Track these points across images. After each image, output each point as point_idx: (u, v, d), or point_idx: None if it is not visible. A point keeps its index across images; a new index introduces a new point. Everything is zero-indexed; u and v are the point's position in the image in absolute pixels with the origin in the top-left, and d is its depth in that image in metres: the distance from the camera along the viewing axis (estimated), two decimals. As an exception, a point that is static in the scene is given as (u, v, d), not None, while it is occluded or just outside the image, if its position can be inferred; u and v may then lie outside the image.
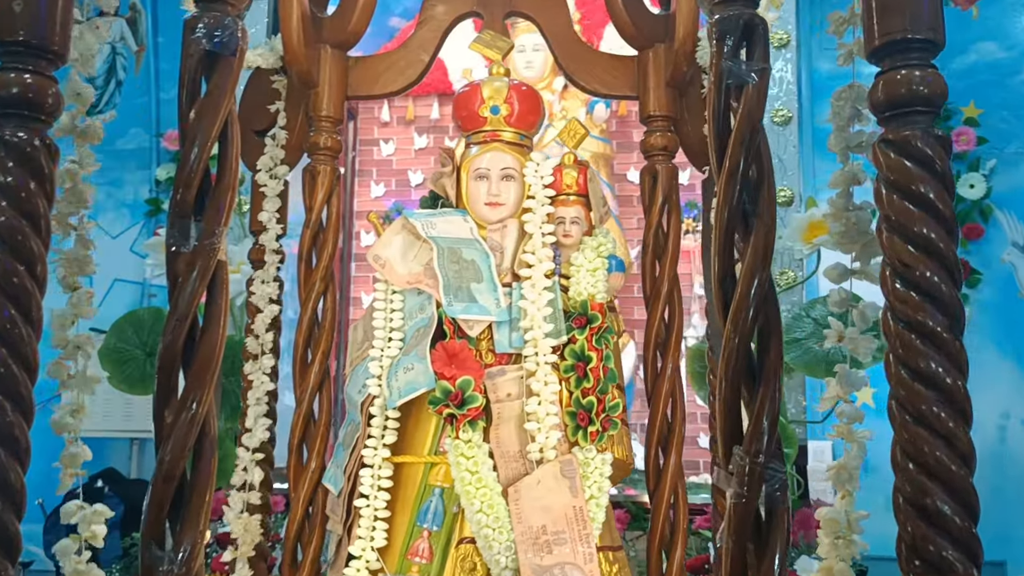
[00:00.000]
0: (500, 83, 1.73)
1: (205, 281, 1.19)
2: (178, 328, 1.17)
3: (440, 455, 1.58)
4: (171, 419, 1.18)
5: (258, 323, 1.93)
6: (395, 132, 6.13)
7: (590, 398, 1.57)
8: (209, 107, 1.22)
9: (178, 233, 1.20)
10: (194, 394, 1.18)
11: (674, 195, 1.95)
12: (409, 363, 1.57)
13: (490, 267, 1.63)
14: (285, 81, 2.05)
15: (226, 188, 1.23)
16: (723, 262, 1.21)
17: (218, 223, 1.21)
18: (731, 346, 1.17)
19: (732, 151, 1.20)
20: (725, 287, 1.21)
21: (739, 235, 1.21)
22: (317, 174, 1.94)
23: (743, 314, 1.16)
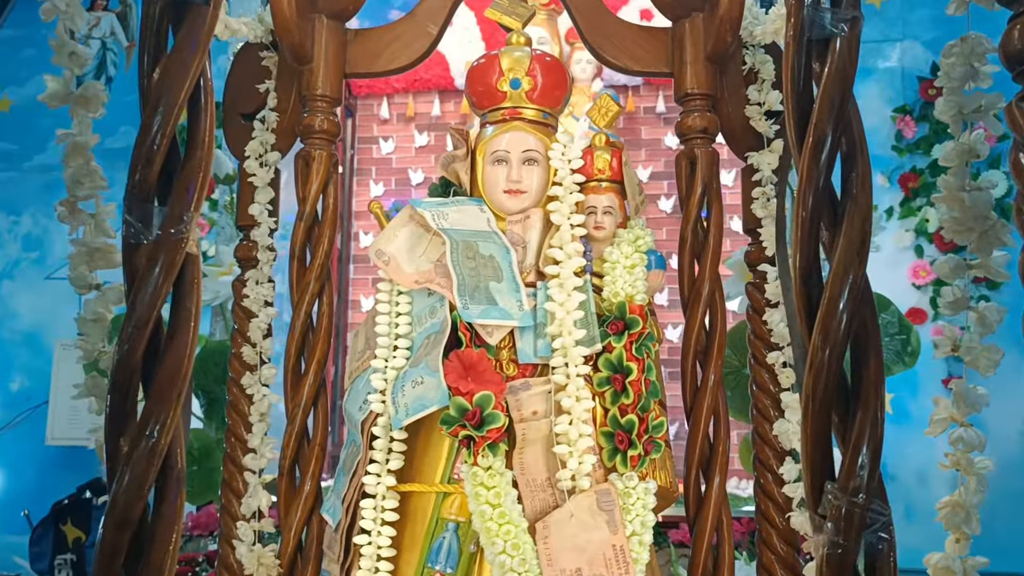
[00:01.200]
0: (521, 53, 1.50)
1: (170, 278, 0.97)
2: (136, 337, 0.95)
3: (454, 483, 1.35)
4: (127, 448, 0.95)
5: (253, 329, 1.70)
6: (395, 130, 5.95)
7: (630, 416, 1.34)
8: (176, 65, 1.00)
9: (137, 220, 0.97)
10: (156, 418, 0.95)
11: (715, 183, 1.73)
12: (418, 376, 1.34)
13: (511, 264, 1.41)
14: (276, 58, 1.83)
15: (197, 165, 1.01)
16: (806, 257, 0.99)
17: (186, 207, 0.99)
18: (819, 360, 0.95)
19: (817, 120, 0.98)
20: (809, 287, 0.99)
21: (826, 224, 0.99)
22: (312, 160, 1.71)
23: (835, 321, 0.94)
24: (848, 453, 0.93)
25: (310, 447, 1.67)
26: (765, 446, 1.75)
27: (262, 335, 1.72)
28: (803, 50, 1.00)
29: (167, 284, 0.96)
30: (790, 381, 1.69)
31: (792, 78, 1.01)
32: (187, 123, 1.02)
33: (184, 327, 0.97)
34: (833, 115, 0.97)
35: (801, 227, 0.98)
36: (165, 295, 0.97)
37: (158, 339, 0.97)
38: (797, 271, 0.99)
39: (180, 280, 0.98)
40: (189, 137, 1.02)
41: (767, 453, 1.74)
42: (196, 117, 1.02)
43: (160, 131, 0.97)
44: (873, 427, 0.93)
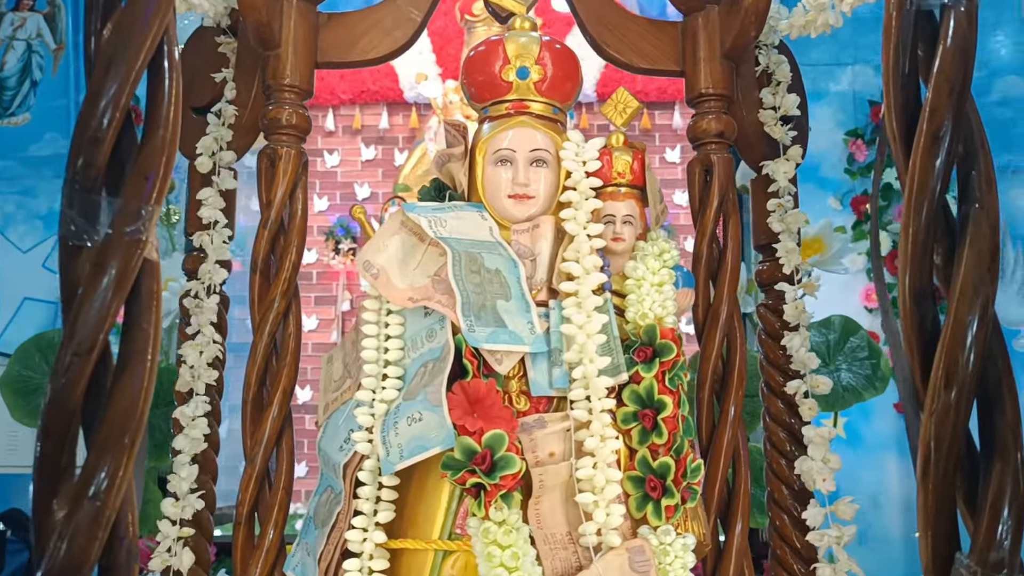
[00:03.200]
0: (529, 39, 1.31)
1: (122, 292, 0.74)
2: (76, 367, 0.72)
3: (457, 539, 1.14)
4: (64, 513, 0.72)
5: (190, 354, 1.46)
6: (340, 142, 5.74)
7: (664, 459, 1.14)
8: (134, 19, 0.77)
9: (79, 216, 0.74)
10: (103, 474, 0.72)
11: (732, 194, 1.56)
12: (415, 411, 1.12)
13: (519, 279, 1.21)
14: (234, 44, 1.61)
15: (159, 146, 0.78)
16: (920, 274, 0.81)
17: (146, 200, 0.76)
18: (943, 403, 0.77)
19: (933, 108, 0.80)
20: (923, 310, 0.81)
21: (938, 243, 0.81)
22: (278, 158, 1.49)
23: (962, 354, 0.76)
24: (985, 517, 0.75)
25: (272, 492, 1.44)
26: (782, 485, 1.58)
27: (206, 360, 1.48)
28: (909, 27, 0.83)
29: (119, 298, 0.73)
30: (812, 413, 1.52)
31: (895, 58, 0.84)
32: (147, 94, 0.80)
33: (140, 355, 0.75)
34: (954, 101, 0.79)
35: (913, 239, 0.81)
36: (116, 313, 0.74)
37: (103, 372, 0.74)
38: (908, 292, 0.81)
39: (135, 293, 0.75)
40: (149, 111, 0.79)
41: (783, 493, 1.57)
42: (158, 86, 0.79)
43: (112, 103, 0.74)
44: (1015, 487, 0.75)
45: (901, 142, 0.84)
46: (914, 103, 0.85)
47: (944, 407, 0.76)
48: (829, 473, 1.43)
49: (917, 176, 0.81)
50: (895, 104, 0.85)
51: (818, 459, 1.47)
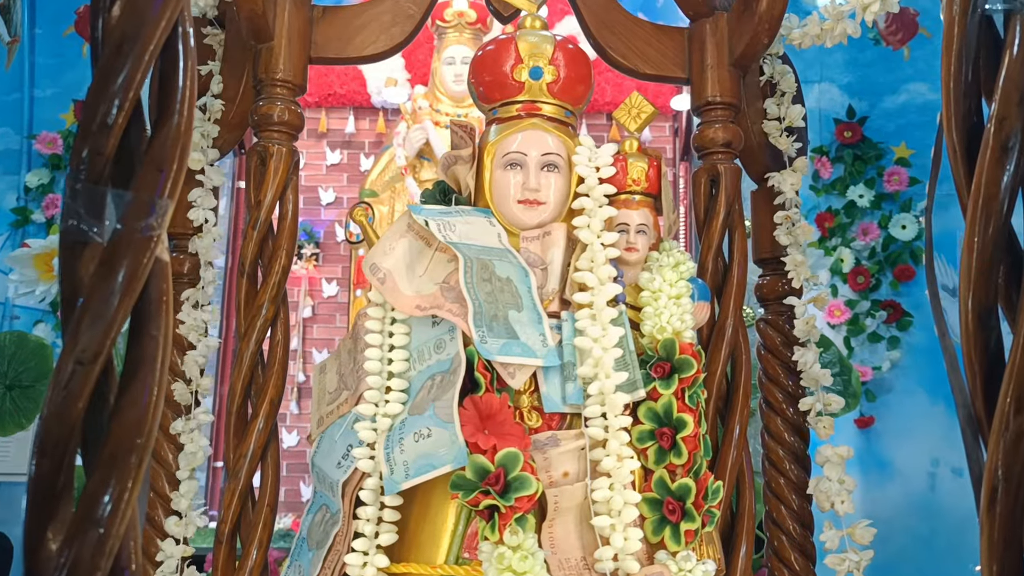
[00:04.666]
0: (541, 38, 1.25)
1: (132, 294, 0.66)
2: (77, 379, 0.64)
3: (465, 564, 1.07)
4: (59, 542, 0.64)
5: (189, 363, 1.38)
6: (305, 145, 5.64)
7: (684, 481, 1.09)
8: (148, -4, 0.70)
9: (86, 209, 0.67)
10: (106, 498, 0.64)
11: (738, 204, 1.51)
12: (423, 427, 1.05)
13: (531, 289, 1.15)
14: (221, 36, 1.54)
15: (173, 135, 0.71)
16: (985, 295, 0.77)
17: (159, 192, 0.69)
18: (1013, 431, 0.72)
19: (997, 125, 0.76)
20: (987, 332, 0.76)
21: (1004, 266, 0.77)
22: (269, 156, 1.42)
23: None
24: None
25: (256, 510, 1.36)
26: (780, 504, 1.54)
27: (200, 369, 1.40)
28: (975, 30, 0.79)
29: (128, 302, 0.66)
30: (827, 433, 1.48)
31: (955, 66, 0.80)
32: (160, 78, 0.72)
33: (149, 365, 0.67)
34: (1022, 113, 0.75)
35: (979, 258, 0.76)
36: (124, 318, 0.66)
37: (106, 386, 0.66)
38: (971, 313, 0.76)
39: (145, 296, 0.67)
40: (162, 97, 0.72)
41: (783, 512, 1.53)
42: (172, 70, 0.72)
43: (123, 88, 0.67)
44: (1089, 517, 0.71)
45: (963, 156, 0.80)
46: (976, 114, 0.80)
47: (1016, 433, 0.72)
48: (847, 495, 1.39)
49: (984, 190, 0.76)
50: (956, 115, 0.81)
51: (835, 479, 1.43)
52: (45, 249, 3.45)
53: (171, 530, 1.31)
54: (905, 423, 4.65)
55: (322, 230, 5.44)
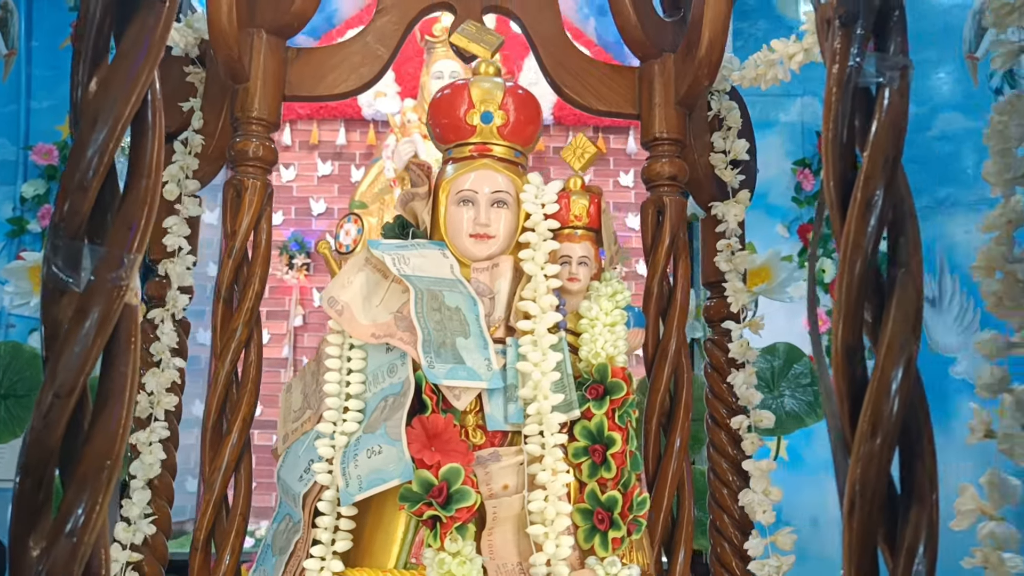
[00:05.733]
0: (493, 84, 1.36)
1: (103, 336, 0.77)
2: (56, 409, 0.75)
3: (413, 569, 1.18)
4: (39, 550, 0.75)
5: (151, 380, 1.48)
6: (297, 157, 5.74)
7: (612, 493, 1.20)
8: (121, 74, 0.81)
9: (63, 262, 0.78)
10: (79, 511, 0.75)
11: (682, 233, 1.63)
12: (375, 444, 1.16)
13: (478, 317, 1.26)
14: (202, 74, 1.64)
15: (142, 197, 0.82)
16: (852, 332, 0.88)
17: (128, 248, 0.80)
18: (868, 450, 0.83)
19: (867, 177, 0.87)
20: (852, 365, 0.87)
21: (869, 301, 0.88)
22: (244, 190, 1.53)
23: (886, 407, 0.83)
24: (902, 558, 0.82)
25: (230, 518, 1.47)
26: (723, 513, 1.65)
27: (165, 386, 1.50)
28: (849, 99, 0.90)
29: (99, 343, 0.76)
30: (755, 448, 1.59)
31: (834, 131, 0.91)
32: (131, 146, 0.83)
33: (118, 397, 0.78)
34: (886, 172, 0.86)
35: (846, 297, 0.87)
36: (96, 357, 0.77)
37: (81, 413, 0.77)
38: (840, 347, 0.87)
39: (115, 338, 0.78)
40: (133, 162, 0.83)
41: (725, 521, 1.64)
42: (142, 138, 0.83)
43: (98, 153, 0.78)
44: (931, 530, 0.82)
45: (838, 207, 0.91)
46: (851, 170, 0.91)
47: (868, 454, 0.83)
48: (769, 505, 1.51)
49: (851, 238, 0.88)
50: (834, 171, 0.92)
51: (759, 491, 1.54)
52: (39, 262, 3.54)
53: (118, 535, 1.41)
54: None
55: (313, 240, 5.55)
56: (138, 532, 1.45)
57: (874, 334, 0.89)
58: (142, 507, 1.46)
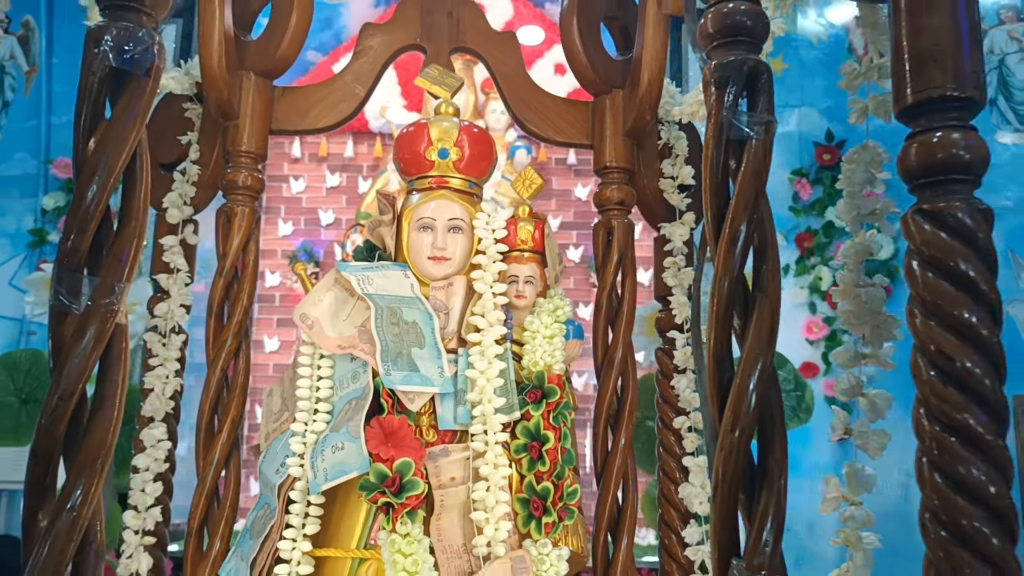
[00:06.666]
0: (449, 124, 1.54)
1: (98, 350, 0.96)
2: (61, 408, 0.94)
3: (371, 549, 1.36)
4: (46, 522, 0.94)
5: (155, 383, 1.67)
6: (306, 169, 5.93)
7: (545, 484, 1.38)
8: (113, 136, 1.00)
9: (66, 290, 0.96)
10: (78, 492, 0.94)
11: (630, 252, 1.80)
12: (339, 441, 1.35)
13: (433, 330, 1.43)
14: (199, 110, 1.83)
15: (130, 236, 1.01)
16: (719, 343, 1.05)
17: (119, 278, 0.98)
18: (729, 442, 1.01)
19: (733, 215, 1.05)
20: (721, 372, 1.05)
21: (737, 312, 1.05)
22: (233, 216, 1.71)
23: (744, 405, 1.00)
24: (754, 530, 0.99)
25: (220, 507, 1.65)
26: (670, 507, 1.81)
27: (167, 392, 1.69)
28: (722, 149, 1.07)
29: (95, 356, 0.95)
30: (694, 446, 1.76)
31: (711, 175, 1.08)
32: (122, 193, 1.02)
33: (110, 400, 0.97)
34: (747, 212, 1.03)
35: (716, 315, 1.04)
36: (92, 367, 0.96)
37: (81, 411, 0.96)
38: (711, 356, 1.05)
39: (108, 352, 0.97)
40: (124, 208, 1.01)
41: (672, 515, 1.80)
42: (131, 188, 1.02)
43: (95, 201, 0.97)
44: (777, 507, 0.99)
45: (713, 238, 1.08)
46: (724, 207, 1.08)
47: (729, 445, 1.00)
48: (705, 496, 1.67)
49: (721, 265, 1.05)
50: (711, 208, 1.09)
51: (697, 485, 1.71)
52: (58, 273, 3.70)
53: (129, 522, 1.60)
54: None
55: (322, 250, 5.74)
56: (148, 519, 1.64)
57: (742, 338, 1.06)
58: (153, 497, 1.65)
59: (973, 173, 0.93)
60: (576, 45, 1.78)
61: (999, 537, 0.88)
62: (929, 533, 0.91)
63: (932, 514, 0.91)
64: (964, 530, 0.88)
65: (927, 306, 0.92)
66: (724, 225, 1.05)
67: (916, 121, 0.95)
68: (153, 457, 1.63)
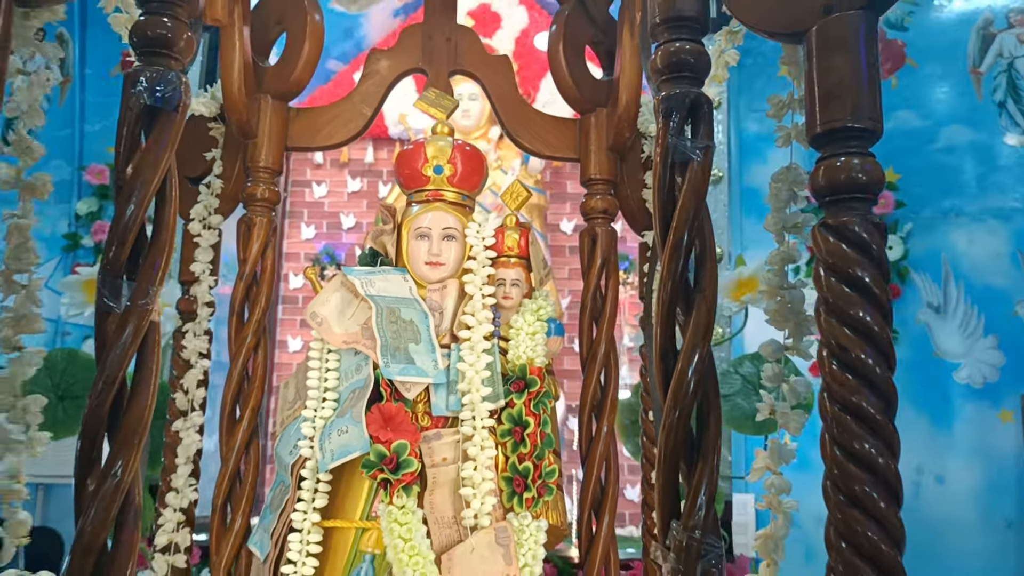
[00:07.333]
0: (444, 143, 1.72)
1: (136, 344, 1.15)
2: (105, 392, 1.13)
3: (372, 520, 1.54)
4: (94, 487, 1.12)
5: (188, 378, 1.87)
6: (328, 175, 6.11)
7: (526, 464, 1.55)
8: (148, 163, 1.19)
9: (109, 292, 1.15)
10: (120, 461, 1.13)
11: (612, 257, 1.97)
12: (343, 425, 1.53)
13: (428, 328, 1.61)
14: (222, 129, 2.02)
15: (162, 247, 1.19)
16: (664, 336, 1.22)
17: (152, 283, 1.17)
18: (671, 420, 1.17)
19: (676, 226, 1.21)
20: (666, 361, 1.22)
21: (681, 309, 1.22)
22: (253, 225, 1.90)
23: (683, 389, 1.17)
24: (690, 497, 1.15)
25: (241, 487, 1.84)
26: (651, 491, 1.98)
27: (196, 384, 1.89)
28: (668, 168, 1.24)
29: (133, 348, 1.13)
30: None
31: (659, 190, 1.24)
32: (154, 210, 1.21)
33: (145, 385, 1.15)
34: (688, 222, 1.20)
35: (661, 311, 1.21)
36: (131, 357, 1.14)
37: (122, 395, 1.15)
38: (657, 347, 1.22)
39: (144, 345, 1.15)
40: (156, 223, 1.20)
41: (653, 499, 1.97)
42: (162, 206, 1.20)
43: (132, 218, 1.15)
44: (710, 477, 1.15)
45: (660, 245, 1.25)
46: (671, 218, 1.25)
47: (670, 424, 1.17)
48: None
49: (665, 269, 1.22)
50: (660, 220, 1.26)
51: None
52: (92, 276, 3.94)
53: (170, 501, 1.80)
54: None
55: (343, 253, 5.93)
56: (184, 497, 1.83)
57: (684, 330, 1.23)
58: (185, 478, 1.84)
59: (870, 192, 1.09)
60: (563, 68, 1.96)
61: (885, 501, 1.04)
62: (830, 498, 1.08)
63: (832, 482, 1.07)
64: (856, 495, 1.05)
65: (829, 306, 1.09)
66: (669, 233, 1.22)
67: (823, 148, 1.12)
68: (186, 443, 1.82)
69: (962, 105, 5.44)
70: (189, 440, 1.83)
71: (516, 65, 5.91)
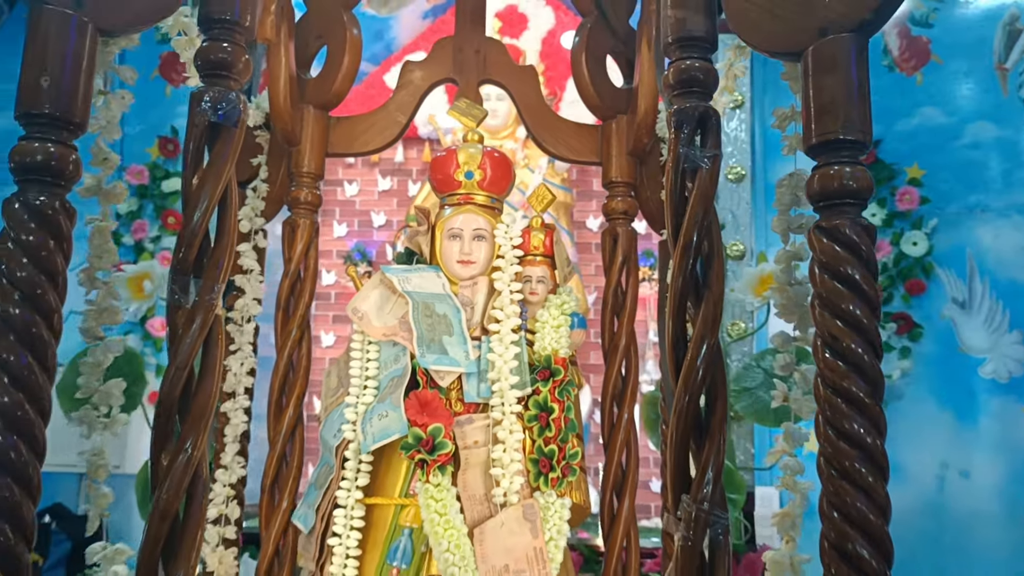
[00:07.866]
0: (475, 150, 1.86)
1: (203, 335, 1.29)
2: (177, 378, 1.27)
3: (410, 497, 1.68)
4: (167, 461, 1.27)
5: (235, 364, 2.02)
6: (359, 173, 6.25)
7: (552, 446, 1.68)
8: (211, 174, 1.33)
9: (179, 289, 1.30)
10: (190, 439, 1.27)
11: (633, 255, 2.09)
12: (384, 410, 1.67)
13: (461, 321, 1.75)
14: (267, 136, 2.16)
15: (224, 248, 1.34)
16: (675, 327, 1.34)
17: (216, 280, 1.32)
18: (681, 404, 1.30)
19: (686, 228, 1.34)
20: (677, 351, 1.34)
21: (691, 303, 1.35)
22: (297, 227, 2.05)
23: (693, 376, 1.29)
24: (699, 472, 1.28)
25: (288, 469, 1.99)
26: (670, 475, 2.10)
27: (246, 371, 2.04)
28: (679, 175, 1.36)
29: (200, 338, 1.28)
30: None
31: (671, 194, 1.37)
32: (217, 217, 1.35)
33: (211, 372, 1.30)
34: (698, 224, 1.32)
35: (672, 306, 1.34)
36: (199, 347, 1.29)
37: (191, 381, 1.29)
38: (669, 338, 1.34)
39: (209, 335, 1.30)
40: (219, 228, 1.35)
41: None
42: (224, 212, 1.34)
43: (199, 224, 1.30)
44: (717, 454, 1.28)
45: (672, 245, 1.38)
46: (682, 221, 1.38)
47: (681, 406, 1.29)
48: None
49: (676, 267, 1.34)
50: (672, 222, 1.39)
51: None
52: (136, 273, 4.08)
53: (219, 477, 1.95)
54: (915, 428, 5.03)
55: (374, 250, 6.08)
56: (233, 473, 1.99)
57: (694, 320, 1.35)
58: (232, 455, 2.00)
59: (860, 198, 1.21)
60: (585, 77, 2.08)
61: (872, 475, 1.17)
62: (823, 472, 1.20)
63: (825, 458, 1.20)
64: (847, 469, 1.17)
65: (823, 300, 1.21)
66: (680, 234, 1.35)
67: (818, 157, 1.24)
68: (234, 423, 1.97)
69: (987, 101, 5.47)
70: (236, 420, 1.98)
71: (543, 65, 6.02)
